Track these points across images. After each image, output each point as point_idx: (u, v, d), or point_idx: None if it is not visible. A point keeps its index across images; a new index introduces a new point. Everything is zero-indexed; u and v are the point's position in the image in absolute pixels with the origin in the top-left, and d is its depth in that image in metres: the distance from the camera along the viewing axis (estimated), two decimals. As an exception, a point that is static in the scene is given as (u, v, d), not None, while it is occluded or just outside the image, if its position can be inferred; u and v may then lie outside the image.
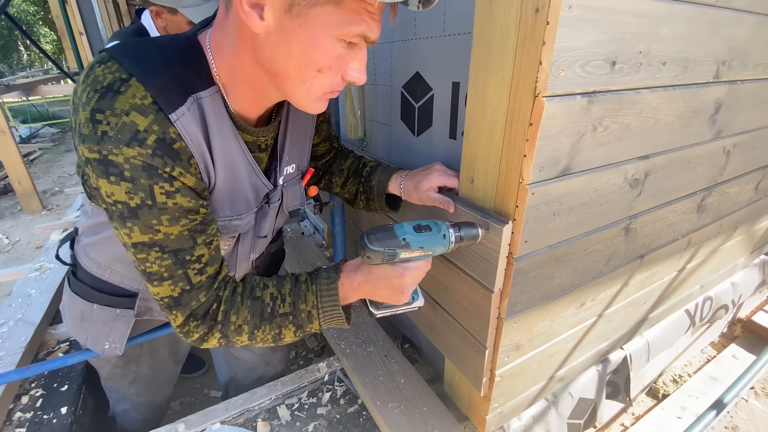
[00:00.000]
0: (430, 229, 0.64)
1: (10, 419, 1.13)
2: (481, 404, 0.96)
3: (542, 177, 0.68)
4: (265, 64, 0.57)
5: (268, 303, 0.69)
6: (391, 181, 0.90)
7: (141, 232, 0.58)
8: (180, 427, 1.00)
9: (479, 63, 0.69)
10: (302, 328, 0.71)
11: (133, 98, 0.52)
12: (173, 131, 0.55)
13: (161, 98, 0.54)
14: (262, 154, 0.73)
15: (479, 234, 0.67)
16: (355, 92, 1.28)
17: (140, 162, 0.53)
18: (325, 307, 0.70)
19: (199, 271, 0.64)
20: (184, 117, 0.56)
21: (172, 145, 0.56)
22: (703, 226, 1.21)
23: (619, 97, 0.71)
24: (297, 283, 0.71)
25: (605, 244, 0.90)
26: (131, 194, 0.55)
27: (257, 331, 0.69)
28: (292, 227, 2.11)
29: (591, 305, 1.00)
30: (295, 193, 0.85)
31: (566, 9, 0.55)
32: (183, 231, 0.60)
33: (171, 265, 0.61)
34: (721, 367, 1.75)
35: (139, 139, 0.52)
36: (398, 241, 0.63)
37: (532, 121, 0.62)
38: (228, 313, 0.68)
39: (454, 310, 0.93)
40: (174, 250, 0.61)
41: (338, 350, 1.21)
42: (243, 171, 0.69)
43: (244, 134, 0.67)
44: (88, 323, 0.85)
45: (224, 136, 0.63)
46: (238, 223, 0.74)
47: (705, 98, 0.90)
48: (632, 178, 0.85)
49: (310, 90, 0.58)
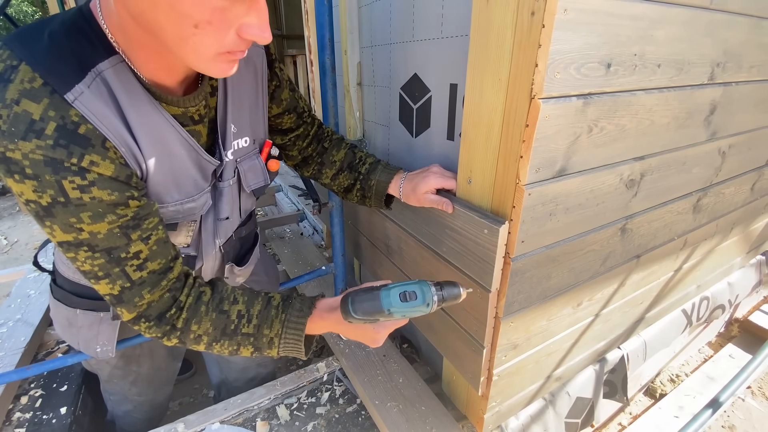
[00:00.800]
0: (416, 297, 0.63)
1: (10, 419, 1.13)
2: (479, 403, 0.97)
3: (538, 178, 0.69)
4: (138, 19, 0.49)
5: (234, 320, 0.67)
6: (392, 184, 0.89)
7: (62, 230, 0.53)
8: (179, 426, 1.00)
9: (476, 65, 0.70)
10: (260, 351, 0.69)
11: (22, 84, 0.47)
12: (74, 113, 0.49)
13: (53, 78, 0.48)
14: (197, 126, 0.66)
15: (461, 294, 0.67)
16: (354, 94, 1.28)
17: (41, 156, 0.48)
18: (288, 338, 0.68)
19: (139, 267, 0.60)
20: (83, 96, 0.50)
21: (76, 131, 0.49)
22: (699, 226, 1.22)
23: (615, 98, 0.71)
24: (267, 306, 0.69)
25: (601, 245, 0.91)
26: (39, 192, 0.50)
27: (215, 343, 0.68)
28: (291, 228, 2.11)
29: (588, 305, 1.01)
30: (254, 168, 0.79)
31: (561, 12, 0.56)
32: (112, 228, 0.55)
33: (105, 264, 0.57)
34: (718, 366, 1.76)
35: (36, 129, 0.47)
36: (383, 311, 0.62)
37: (528, 122, 0.63)
38: (189, 322, 0.65)
39: (451, 310, 0.94)
40: (106, 248, 0.56)
41: (337, 350, 1.22)
42: (178, 147, 0.63)
43: (170, 107, 0.60)
44: (75, 328, 0.85)
45: (142, 110, 0.56)
46: (192, 205, 0.69)
47: (700, 100, 0.91)
48: (628, 179, 0.86)
49: (197, 49, 0.49)
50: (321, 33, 1.03)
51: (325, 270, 1.33)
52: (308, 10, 1.45)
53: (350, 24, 1.18)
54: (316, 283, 1.61)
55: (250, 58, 0.73)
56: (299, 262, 1.77)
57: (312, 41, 1.50)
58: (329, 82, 1.08)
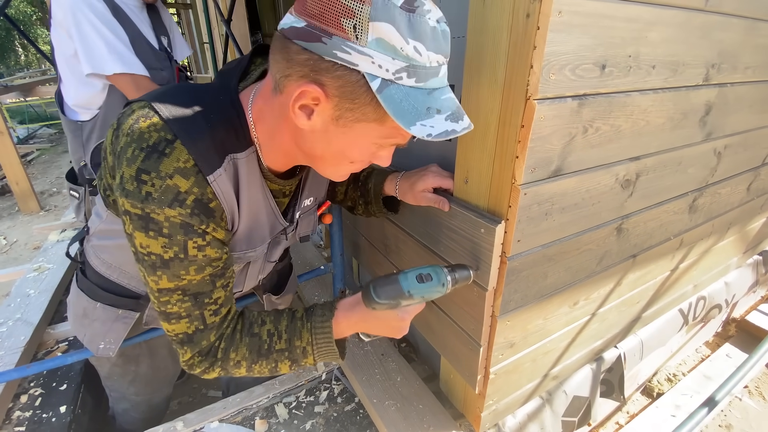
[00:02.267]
0: (431, 278, 0.68)
1: (10, 418, 1.14)
2: (477, 401, 0.98)
3: (534, 178, 0.69)
4: (302, 147, 0.61)
5: (265, 340, 0.72)
6: (387, 182, 0.91)
7: (169, 280, 0.61)
8: (179, 425, 1.01)
9: (472, 66, 0.71)
10: (297, 362, 0.74)
11: (177, 162, 0.55)
12: (210, 191, 0.58)
13: (202, 162, 0.57)
14: (284, 199, 0.78)
15: (471, 275, 0.72)
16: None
17: (179, 221, 0.56)
18: (319, 343, 0.72)
19: (215, 312, 0.67)
20: (220, 178, 0.59)
21: (208, 204, 0.59)
22: (695, 226, 1.23)
23: (610, 99, 0.72)
24: (293, 320, 0.74)
25: (597, 244, 0.92)
26: (166, 248, 0.58)
27: (254, 365, 0.72)
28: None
29: (584, 304, 1.02)
30: (309, 221, 0.89)
31: (556, 14, 0.56)
32: (205, 277, 0.63)
33: (190, 307, 0.64)
34: (715, 366, 1.77)
35: (180, 200, 0.55)
36: (404, 293, 0.66)
37: (523, 123, 0.64)
38: (228, 351, 0.70)
39: (449, 309, 0.94)
40: (195, 293, 0.63)
41: (335, 349, 1.22)
42: (264, 215, 0.72)
43: (271, 183, 0.70)
44: (88, 320, 0.87)
45: (254, 189, 0.67)
46: (252, 254, 0.76)
47: (695, 100, 0.92)
48: (624, 179, 0.86)
49: (339, 171, 0.65)
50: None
51: (323, 269, 1.33)
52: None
53: (349, 25, 1.19)
54: (315, 282, 1.62)
55: None
56: (298, 262, 1.77)
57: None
58: (328, 83, 1.09)
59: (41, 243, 2.27)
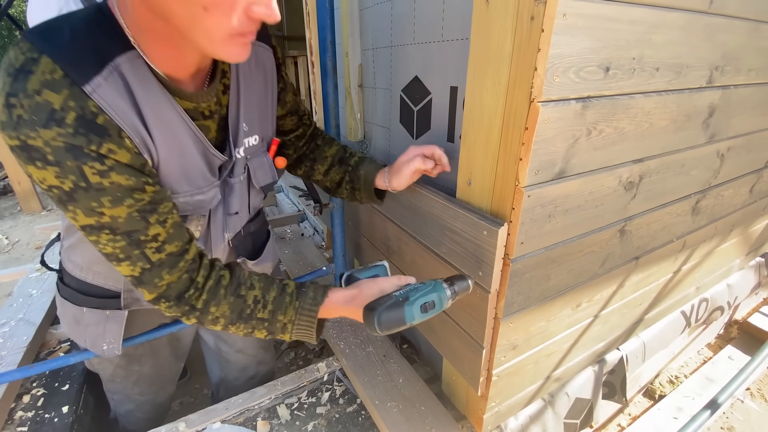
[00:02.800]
0: (434, 306, 0.66)
1: (12, 418, 1.14)
2: (479, 403, 0.98)
3: (538, 180, 0.69)
4: (152, 8, 0.51)
5: (250, 305, 0.70)
6: (378, 176, 0.90)
7: (85, 214, 0.56)
8: (181, 426, 1.01)
9: (476, 68, 0.71)
10: (273, 334, 0.73)
11: (44, 75, 0.49)
12: (93, 105, 0.52)
13: (73, 70, 0.51)
14: (207, 121, 0.69)
15: (470, 286, 0.70)
16: (355, 95, 1.29)
17: (62, 143, 0.50)
18: (301, 325, 0.72)
19: (157, 249, 0.63)
20: (101, 88, 0.53)
21: (94, 121, 0.52)
22: (698, 228, 1.23)
23: (613, 102, 0.72)
24: (282, 293, 0.72)
25: (600, 246, 0.91)
26: (62, 178, 0.52)
27: (231, 325, 0.71)
28: (291, 229, 2.12)
29: (587, 306, 1.02)
30: (262, 165, 0.83)
31: (560, 17, 0.56)
32: (131, 212, 0.58)
33: (126, 247, 0.60)
34: (717, 368, 1.77)
35: (57, 118, 0.50)
36: (406, 323, 0.65)
37: (527, 125, 0.64)
38: (209, 304, 0.68)
39: (451, 311, 0.94)
40: (126, 231, 0.59)
41: (337, 350, 1.22)
42: (188, 140, 0.66)
43: (182, 101, 0.63)
44: (82, 326, 0.86)
45: (156, 103, 0.59)
46: (201, 197, 0.72)
47: (698, 103, 0.92)
48: (627, 181, 0.86)
49: (209, 33, 0.51)
50: (322, 35, 1.04)
51: (325, 270, 1.34)
52: (310, 12, 1.46)
53: (351, 26, 1.19)
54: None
55: (260, 60, 0.76)
56: (300, 263, 1.77)
57: (313, 43, 1.51)
58: (331, 84, 1.09)
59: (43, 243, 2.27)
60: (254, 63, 0.75)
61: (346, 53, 1.25)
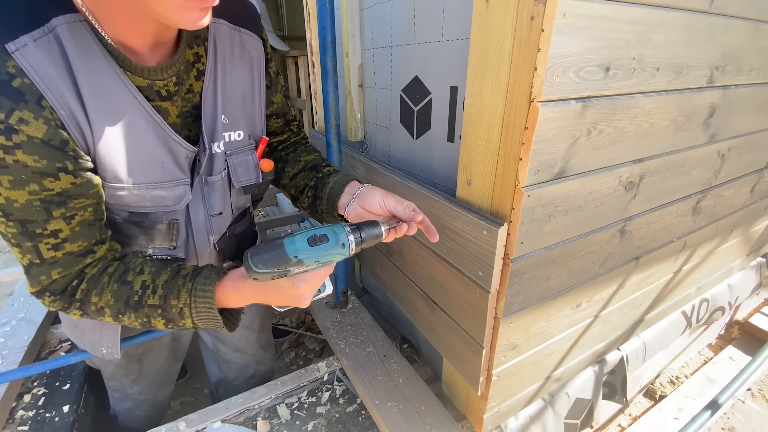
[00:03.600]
0: (327, 239, 0.56)
1: (13, 417, 1.14)
2: (479, 403, 0.98)
3: (537, 180, 0.69)
4: None
5: (137, 291, 0.62)
6: (344, 193, 0.73)
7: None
8: (181, 425, 1.01)
9: (476, 68, 0.71)
10: (174, 322, 0.64)
11: None
12: (12, 65, 0.47)
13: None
14: (164, 103, 0.62)
15: (382, 233, 0.60)
16: (355, 95, 1.29)
17: None
18: (199, 307, 0.62)
19: (54, 247, 0.56)
20: (26, 48, 0.47)
21: (10, 83, 0.46)
22: (698, 228, 1.23)
23: (614, 101, 0.72)
24: (175, 276, 0.63)
25: (601, 246, 0.91)
26: None
27: (122, 315, 0.63)
28: (291, 229, 2.12)
29: (587, 306, 1.02)
30: (246, 164, 0.75)
31: (560, 17, 0.56)
32: (33, 200, 0.52)
33: (17, 235, 0.54)
34: (718, 368, 1.77)
35: None
36: (289, 259, 0.55)
37: (527, 125, 0.64)
38: (89, 293, 0.61)
39: (451, 311, 0.94)
40: (20, 219, 0.53)
41: (338, 350, 1.22)
42: (140, 121, 0.58)
43: (134, 76, 0.57)
44: (80, 330, 0.86)
45: (97, 74, 0.53)
46: (161, 193, 0.64)
47: (699, 103, 0.92)
48: (627, 181, 0.86)
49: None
50: (323, 35, 1.04)
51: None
52: (310, 12, 1.46)
53: (352, 26, 1.19)
54: (317, 283, 1.61)
55: (246, 49, 0.71)
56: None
57: (314, 43, 1.51)
58: (331, 84, 1.09)
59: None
60: (239, 50, 0.69)
61: (346, 53, 1.25)
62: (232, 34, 0.69)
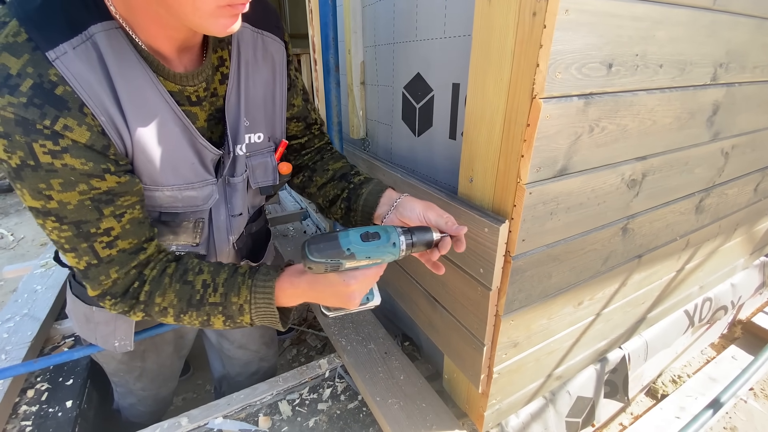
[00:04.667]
0: (379, 237, 0.59)
1: (16, 412, 1.15)
2: (480, 401, 0.98)
3: (539, 177, 0.69)
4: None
5: (199, 290, 0.64)
6: (382, 203, 0.74)
7: (31, 196, 0.51)
8: (183, 420, 1.02)
9: (478, 65, 0.71)
10: (233, 319, 0.66)
11: (6, 38, 0.46)
12: (53, 73, 0.48)
13: (37, 34, 0.47)
14: (194, 108, 0.64)
15: (434, 239, 0.62)
16: (357, 92, 1.29)
17: (11, 114, 0.46)
18: (258, 303, 0.65)
19: (108, 245, 0.58)
20: (67, 56, 0.48)
21: (53, 91, 0.48)
22: (701, 226, 1.22)
23: (616, 98, 0.72)
24: (234, 274, 0.66)
25: (603, 244, 0.91)
26: (9, 152, 0.48)
27: (183, 315, 0.65)
28: (294, 226, 2.13)
29: (589, 304, 1.02)
30: (264, 166, 0.77)
31: (563, 13, 0.56)
32: (84, 200, 0.53)
33: (72, 238, 0.55)
34: (720, 368, 1.76)
35: (11, 85, 0.45)
36: (342, 251, 0.57)
37: (529, 122, 0.64)
38: (153, 294, 0.63)
39: (452, 308, 0.94)
40: (74, 221, 0.54)
41: (339, 347, 1.23)
42: (172, 126, 0.61)
43: (166, 81, 0.59)
44: (92, 324, 0.86)
45: (134, 80, 0.55)
46: (192, 194, 0.67)
47: (702, 100, 0.91)
48: (629, 179, 0.86)
49: (196, 4, 0.48)
50: (325, 32, 1.04)
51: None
52: (312, 9, 1.46)
53: (354, 23, 1.19)
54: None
55: (269, 52, 0.72)
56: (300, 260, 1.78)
57: (316, 40, 1.51)
58: (333, 81, 1.09)
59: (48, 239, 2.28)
60: (261, 54, 0.71)
61: (348, 50, 1.25)
62: (255, 38, 0.70)
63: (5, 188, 4.49)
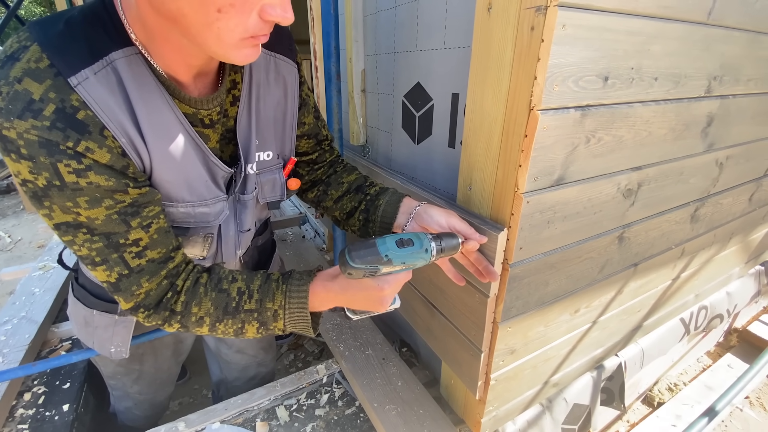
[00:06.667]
0: (413, 243, 0.63)
1: (13, 415, 1.15)
2: (477, 407, 0.98)
3: (537, 186, 0.70)
4: (159, 9, 0.49)
5: (234, 297, 0.66)
6: (401, 212, 0.77)
7: (62, 211, 0.53)
8: (180, 425, 1.02)
9: (477, 76, 0.72)
10: (266, 326, 0.68)
11: (28, 63, 0.47)
12: (75, 98, 0.49)
13: (59, 60, 0.48)
14: (207, 130, 0.66)
15: (459, 244, 0.67)
16: (358, 100, 1.31)
17: (35, 137, 0.47)
18: (292, 309, 0.67)
19: (138, 255, 0.59)
20: (88, 81, 0.50)
21: (75, 116, 0.49)
22: (697, 235, 1.23)
23: (612, 110, 0.73)
24: (267, 280, 0.68)
25: (599, 252, 0.92)
26: (35, 174, 0.50)
27: (219, 324, 0.67)
28: (293, 231, 2.13)
29: (585, 312, 1.02)
30: (272, 182, 0.79)
31: (560, 27, 0.58)
32: (111, 214, 0.55)
33: (103, 249, 0.57)
34: (716, 376, 1.77)
35: (34, 109, 0.47)
36: (381, 257, 0.60)
37: (527, 132, 0.65)
38: (189, 305, 0.64)
39: (450, 314, 0.95)
40: (105, 233, 0.56)
41: (337, 353, 1.23)
42: (187, 147, 0.62)
43: (182, 104, 0.60)
44: (91, 328, 0.86)
45: (152, 104, 0.57)
46: (204, 210, 0.69)
47: (697, 112, 0.93)
48: (625, 189, 0.87)
49: (221, 36, 0.49)
50: (327, 41, 1.05)
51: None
52: (314, 17, 1.48)
53: (356, 33, 1.21)
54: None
55: (281, 74, 0.73)
56: (300, 265, 1.78)
57: (317, 48, 1.53)
58: (334, 89, 1.10)
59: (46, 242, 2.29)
60: (273, 76, 0.72)
61: (349, 59, 1.27)
62: (268, 60, 0.71)
63: (2, 190, 4.48)
